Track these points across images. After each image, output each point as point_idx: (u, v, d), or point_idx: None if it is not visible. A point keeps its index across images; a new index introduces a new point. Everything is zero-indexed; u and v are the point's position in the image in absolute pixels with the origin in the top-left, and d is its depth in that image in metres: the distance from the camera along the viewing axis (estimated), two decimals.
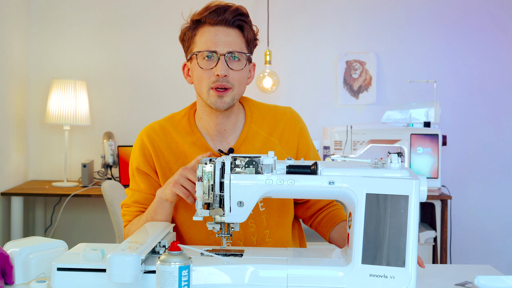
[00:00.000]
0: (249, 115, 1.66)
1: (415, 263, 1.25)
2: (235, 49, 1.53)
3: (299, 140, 1.68)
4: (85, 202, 3.79)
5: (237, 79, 1.54)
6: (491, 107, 3.79)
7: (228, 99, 1.54)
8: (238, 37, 1.55)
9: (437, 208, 3.21)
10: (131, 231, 1.62)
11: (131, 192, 1.67)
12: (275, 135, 1.65)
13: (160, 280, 1.14)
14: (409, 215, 1.26)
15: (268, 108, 1.70)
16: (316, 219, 1.71)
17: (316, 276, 1.30)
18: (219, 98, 1.53)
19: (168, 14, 3.79)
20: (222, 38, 1.52)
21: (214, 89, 1.53)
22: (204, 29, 1.54)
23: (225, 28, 1.53)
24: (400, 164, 1.32)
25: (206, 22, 1.54)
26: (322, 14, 3.82)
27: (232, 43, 1.53)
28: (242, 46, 1.55)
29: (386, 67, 3.82)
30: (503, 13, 3.78)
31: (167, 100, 3.81)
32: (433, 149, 3.19)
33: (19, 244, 1.35)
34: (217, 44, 1.52)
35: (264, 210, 1.61)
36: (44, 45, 3.78)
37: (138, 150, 1.65)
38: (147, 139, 1.64)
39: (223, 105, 1.54)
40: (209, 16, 1.53)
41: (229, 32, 1.53)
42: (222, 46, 1.52)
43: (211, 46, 1.52)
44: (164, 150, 1.63)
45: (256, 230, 1.61)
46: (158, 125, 1.67)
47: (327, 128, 3.61)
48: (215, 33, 1.53)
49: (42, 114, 3.73)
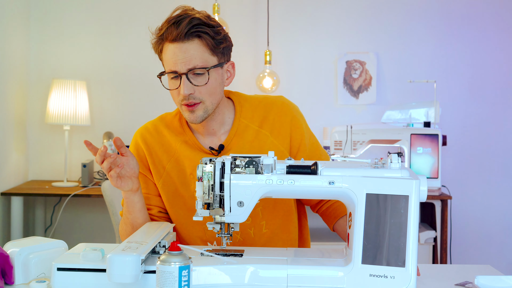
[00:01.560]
0: (238, 110, 1.65)
1: (415, 263, 1.25)
2: (196, 64, 1.49)
3: (292, 129, 1.63)
4: (85, 202, 3.79)
5: (204, 92, 1.52)
6: (491, 107, 3.79)
7: (200, 112, 1.54)
8: (198, 48, 1.50)
9: (437, 208, 3.21)
10: (120, 230, 1.66)
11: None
12: (265, 126, 1.63)
13: (160, 280, 1.14)
14: (409, 215, 1.26)
15: (258, 99, 1.67)
16: (322, 207, 1.67)
17: (316, 276, 1.30)
18: (191, 113, 1.54)
19: (168, 14, 3.78)
20: (180, 56, 1.49)
21: (184, 105, 1.53)
22: (165, 47, 1.53)
23: (182, 44, 1.49)
24: (400, 164, 1.32)
25: (166, 39, 1.52)
26: (322, 14, 3.82)
27: (191, 58, 1.49)
28: (204, 57, 1.50)
29: (386, 67, 3.82)
30: (503, 13, 3.78)
31: (167, 100, 3.80)
32: (433, 149, 3.19)
33: (19, 244, 1.35)
34: (176, 63, 1.50)
35: (259, 203, 1.61)
36: (44, 45, 3.78)
37: (133, 151, 1.67)
38: (141, 139, 1.67)
39: (196, 119, 1.55)
40: (167, 32, 1.51)
41: (187, 47, 1.49)
42: (181, 65, 1.49)
43: (172, 66, 1.51)
44: (157, 149, 1.65)
45: (252, 223, 1.62)
46: (151, 125, 1.69)
47: (327, 128, 3.61)
48: (173, 51, 1.50)
49: (42, 114, 3.73)
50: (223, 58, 1.56)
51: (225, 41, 1.55)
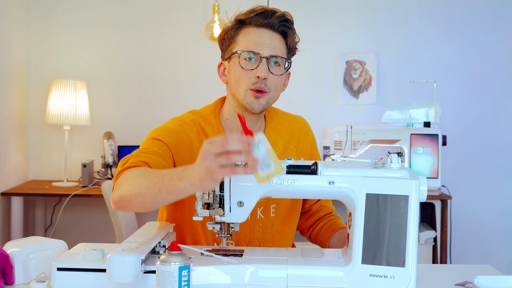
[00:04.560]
0: (269, 121, 1.68)
1: (415, 263, 1.25)
2: (278, 53, 1.53)
3: (312, 149, 1.73)
4: (85, 202, 3.79)
5: (275, 83, 1.54)
6: (491, 107, 3.79)
7: (264, 101, 1.54)
8: (281, 42, 1.54)
9: (437, 208, 3.21)
10: (125, 180, 1.34)
11: (137, 153, 1.47)
12: (292, 142, 1.68)
13: (160, 280, 1.14)
14: (409, 215, 1.26)
15: (284, 115, 1.73)
16: (315, 228, 1.73)
17: (316, 276, 1.30)
18: (255, 99, 1.53)
19: (169, 14, 3.79)
20: (266, 41, 1.52)
21: (252, 90, 1.52)
22: (248, 30, 1.54)
23: (269, 32, 1.53)
24: (400, 164, 1.32)
25: (252, 23, 1.53)
26: (322, 14, 3.82)
27: (275, 47, 1.52)
28: (284, 52, 1.55)
29: (386, 67, 3.82)
30: (503, 13, 3.78)
31: (167, 99, 3.81)
32: (433, 149, 3.19)
33: (19, 244, 1.35)
34: (260, 46, 1.51)
35: (275, 216, 1.63)
36: (44, 45, 3.78)
37: (173, 136, 1.54)
38: (184, 133, 1.56)
39: (259, 107, 1.54)
40: (255, 18, 1.52)
41: (273, 36, 1.53)
42: (265, 49, 1.51)
43: (255, 47, 1.51)
44: (196, 145, 1.56)
45: (262, 234, 1.62)
46: (190, 120, 1.60)
47: (327, 128, 3.61)
48: (259, 34, 1.52)
49: (42, 114, 3.73)
50: (289, 64, 1.59)
51: (297, 49, 1.61)
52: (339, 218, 1.74)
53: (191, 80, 3.80)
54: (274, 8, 1.56)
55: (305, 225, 1.76)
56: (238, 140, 1.09)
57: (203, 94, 3.75)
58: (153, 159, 1.44)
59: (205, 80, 3.77)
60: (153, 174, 1.26)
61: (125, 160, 1.45)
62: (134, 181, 1.30)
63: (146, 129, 3.66)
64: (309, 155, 1.72)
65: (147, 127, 3.64)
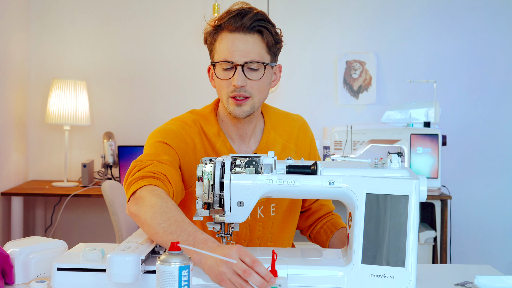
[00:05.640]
0: (268, 121, 1.68)
1: (415, 263, 1.25)
2: (253, 58, 1.50)
3: (311, 148, 1.74)
4: (85, 202, 3.79)
5: (256, 87, 1.53)
6: (491, 107, 3.79)
7: (247, 107, 1.53)
8: (257, 43, 1.52)
9: (437, 208, 3.21)
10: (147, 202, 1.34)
11: (152, 158, 1.48)
12: (291, 141, 1.68)
13: (160, 280, 1.14)
14: (409, 215, 1.26)
15: (283, 115, 1.73)
16: (316, 227, 1.73)
17: (316, 276, 1.30)
18: (237, 107, 1.53)
19: (168, 14, 3.79)
20: (240, 47, 1.50)
21: (232, 98, 1.52)
22: (223, 36, 1.52)
23: (242, 35, 1.50)
24: (400, 164, 1.32)
25: (225, 28, 1.51)
26: (322, 14, 3.82)
27: (249, 51, 1.50)
28: (261, 53, 1.53)
29: (386, 67, 3.82)
30: (503, 13, 3.78)
31: (167, 99, 3.81)
32: (433, 149, 3.19)
33: (19, 244, 1.35)
34: (233, 54, 1.50)
35: (275, 215, 1.63)
36: (44, 45, 3.78)
37: (179, 138, 1.56)
38: (188, 136, 1.58)
39: (242, 113, 1.53)
40: (228, 22, 1.50)
41: (247, 39, 1.50)
42: (238, 56, 1.49)
43: (228, 56, 1.50)
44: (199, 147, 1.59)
45: (262, 233, 1.62)
46: (191, 121, 1.61)
47: (327, 128, 3.61)
48: (232, 41, 1.50)
49: (42, 114, 3.73)
50: (275, 59, 1.59)
51: (280, 42, 1.59)
52: (339, 217, 1.74)
53: (191, 80, 3.80)
54: (248, 7, 1.53)
55: (305, 224, 1.76)
56: (263, 275, 1.14)
57: (203, 94, 3.75)
58: (170, 172, 1.46)
59: (205, 80, 3.74)
60: (174, 220, 1.29)
61: (141, 165, 1.45)
62: (155, 211, 1.31)
63: (146, 129, 3.67)
64: (308, 154, 1.72)
65: (147, 127, 3.64)
